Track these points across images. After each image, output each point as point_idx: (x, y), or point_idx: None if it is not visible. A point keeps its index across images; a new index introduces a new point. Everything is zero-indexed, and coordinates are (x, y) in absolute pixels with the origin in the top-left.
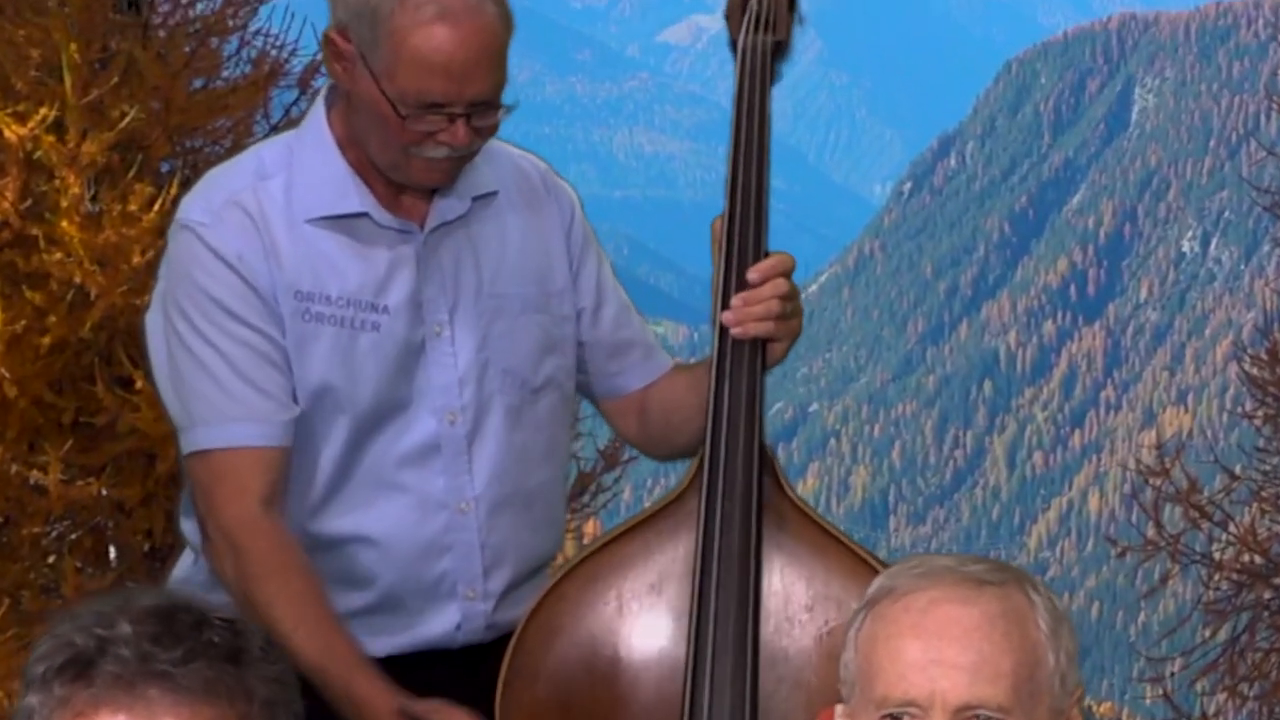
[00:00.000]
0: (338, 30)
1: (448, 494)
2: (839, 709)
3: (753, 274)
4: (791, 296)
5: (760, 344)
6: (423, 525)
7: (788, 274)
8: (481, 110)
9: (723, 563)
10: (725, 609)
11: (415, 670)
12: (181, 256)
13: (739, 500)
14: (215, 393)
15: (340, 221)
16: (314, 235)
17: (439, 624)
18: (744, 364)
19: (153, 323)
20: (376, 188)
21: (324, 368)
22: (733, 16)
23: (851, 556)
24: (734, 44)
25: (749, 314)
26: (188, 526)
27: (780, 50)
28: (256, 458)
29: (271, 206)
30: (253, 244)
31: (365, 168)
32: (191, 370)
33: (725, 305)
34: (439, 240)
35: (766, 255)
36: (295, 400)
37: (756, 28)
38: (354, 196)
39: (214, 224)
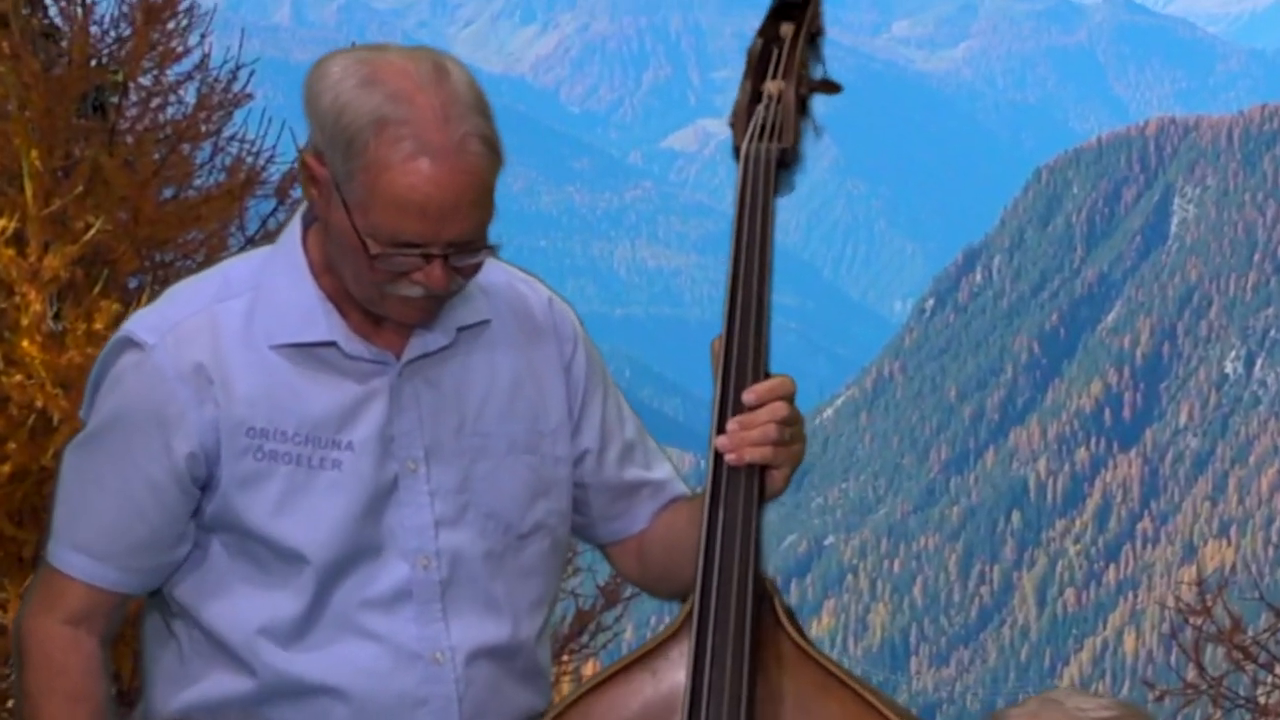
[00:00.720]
0: (313, 154)
1: (421, 644)
2: None
3: (749, 396)
4: (792, 422)
5: (758, 472)
6: (395, 677)
7: (789, 398)
8: (461, 251)
9: (712, 708)
10: None
11: None
12: (112, 373)
13: (731, 639)
14: (77, 515)
15: (305, 350)
16: (275, 364)
17: None
18: (740, 493)
19: (81, 417)
20: (351, 316)
21: (274, 511)
22: (738, 122)
23: (859, 702)
24: (737, 151)
25: (744, 439)
26: (149, 623)
27: (788, 159)
28: (84, 591)
29: (229, 331)
30: (193, 378)
31: (340, 294)
32: (73, 483)
33: (721, 429)
34: (417, 372)
35: (767, 376)
36: (170, 548)
37: (762, 135)
38: (322, 324)
39: (158, 346)
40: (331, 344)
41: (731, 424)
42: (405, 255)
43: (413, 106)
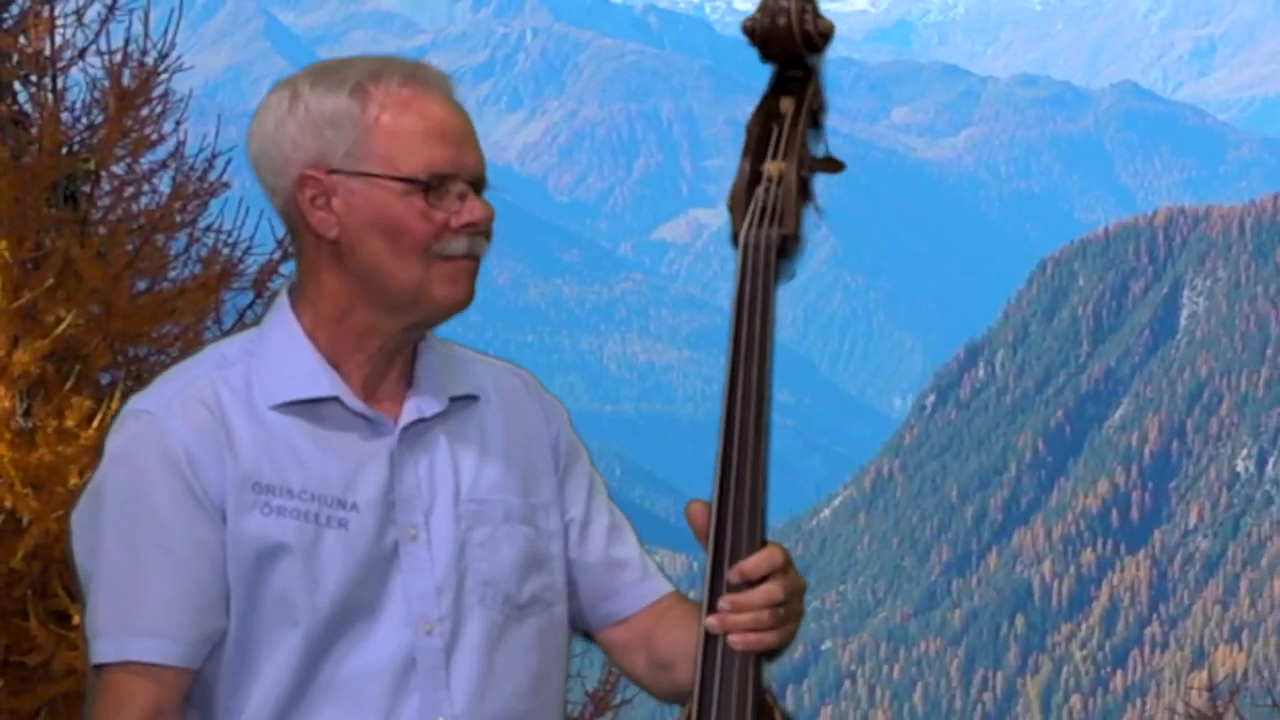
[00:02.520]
0: (312, 168)
1: (423, 712)
2: None
3: (733, 575)
4: (786, 600)
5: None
6: None
7: (779, 570)
8: (480, 189)
9: None
10: None
11: None
12: (122, 445)
13: None
14: (125, 602)
15: (307, 407)
16: (277, 423)
17: None
18: (733, 667)
19: (78, 520)
20: (351, 376)
21: (282, 569)
22: (736, 206)
23: None
24: (735, 238)
25: (736, 624)
26: None
27: (789, 245)
28: (153, 676)
29: (230, 395)
30: (205, 436)
31: (338, 355)
32: (106, 573)
33: (712, 600)
34: (414, 438)
35: (762, 539)
36: (226, 616)
37: (763, 220)
38: (324, 381)
39: (163, 413)
40: (334, 399)
41: (723, 603)
42: (439, 184)
43: (376, 61)
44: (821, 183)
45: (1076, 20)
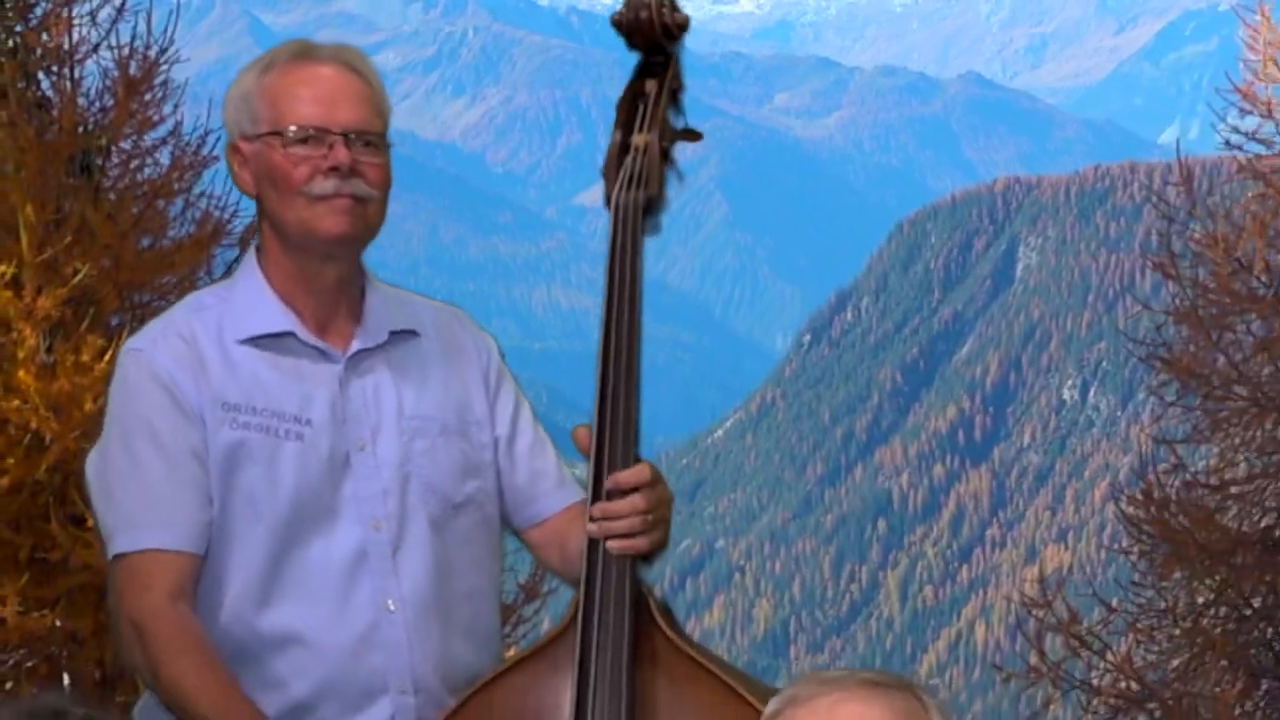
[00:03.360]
0: (239, 139)
1: (375, 595)
2: None
3: (609, 484)
4: (652, 509)
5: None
6: (351, 624)
7: (646, 485)
8: (362, 144)
9: (598, 695)
10: None
11: None
12: (120, 378)
13: (612, 638)
14: (134, 501)
15: (268, 340)
16: (243, 355)
17: (375, 717)
18: (612, 565)
19: (91, 457)
20: (304, 314)
21: (248, 473)
22: (609, 174)
23: (723, 688)
24: (608, 200)
25: (611, 529)
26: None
27: (654, 205)
28: (167, 560)
29: (205, 333)
30: (184, 364)
31: (293, 295)
32: (116, 481)
33: (594, 502)
34: (360, 364)
35: (637, 459)
36: (211, 506)
37: (631, 184)
38: (280, 318)
39: (150, 349)
40: (289, 334)
41: (595, 510)
42: (312, 142)
43: (283, 47)
44: (714, 155)
45: (929, 20)
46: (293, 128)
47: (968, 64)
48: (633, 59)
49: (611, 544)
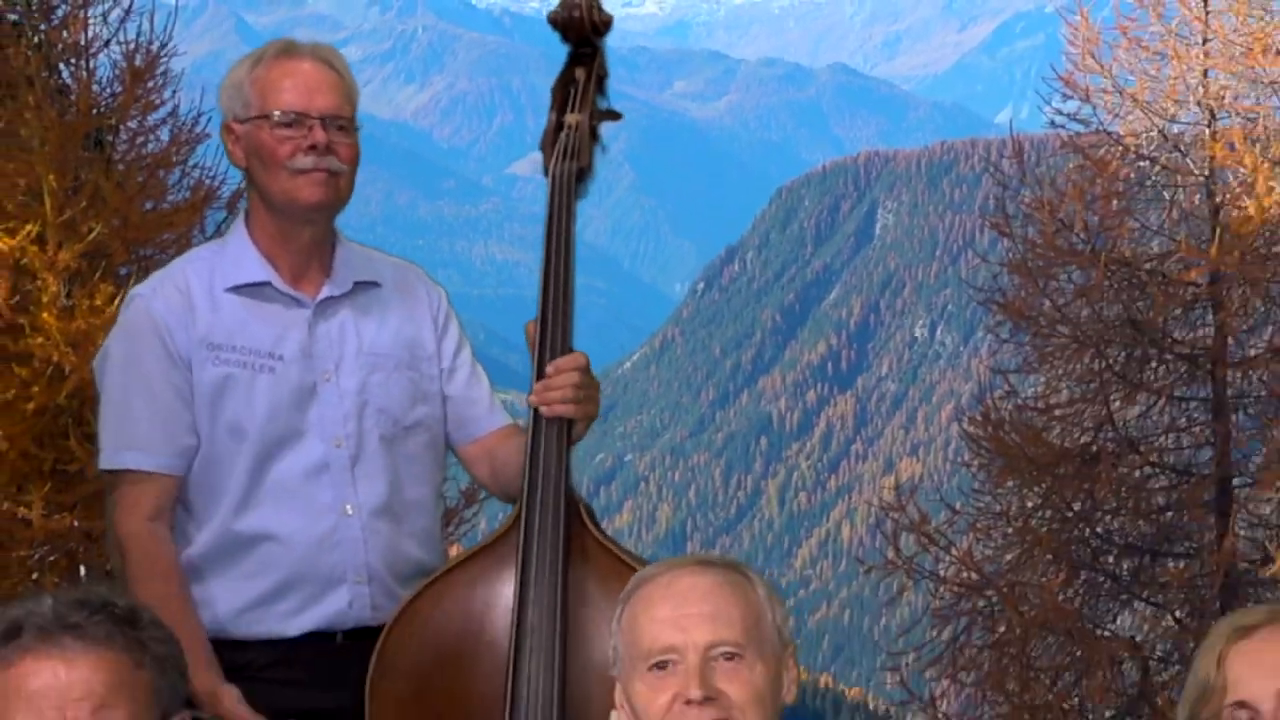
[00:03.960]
0: (231, 121)
1: (335, 501)
2: (617, 688)
3: (550, 368)
4: (584, 386)
5: (566, 425)
6: (316, 525)
7: (581, 368)
8: (335, 127)
9: (537, 587)
10: (539, 619)
11: (326, 647)
12: (122, 319)
13: (549, 539)
14: (122, 424)
15: (249, 289)
16: (228, 301)
17: (335, 602)
18: (553, 436)
19: (96, 371)
20: (281, 267)
21: (230, 402)
22: (546, 148)
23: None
24: (546, 170)
25: (547, 397)
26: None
27: (584, 174)
28: (149, 481)
29: (198, 281)
30: (175, 311)
31: (274, 251)
32: (110, 404)
33: (533, 384)
34: (327, 309)
35: (570, 352)
36: (195, 436)
37: (565, 157)
38: (260, 270)
39: (149, 296)
40: (267, 283)
41: (538, 386)
42: (295, 126)
43: (270, 45)
44: (624, 132)
45: (803, 19)
46: (278, 112)
47: (835, 56)
48: (560, 52)
49: (546, 409)
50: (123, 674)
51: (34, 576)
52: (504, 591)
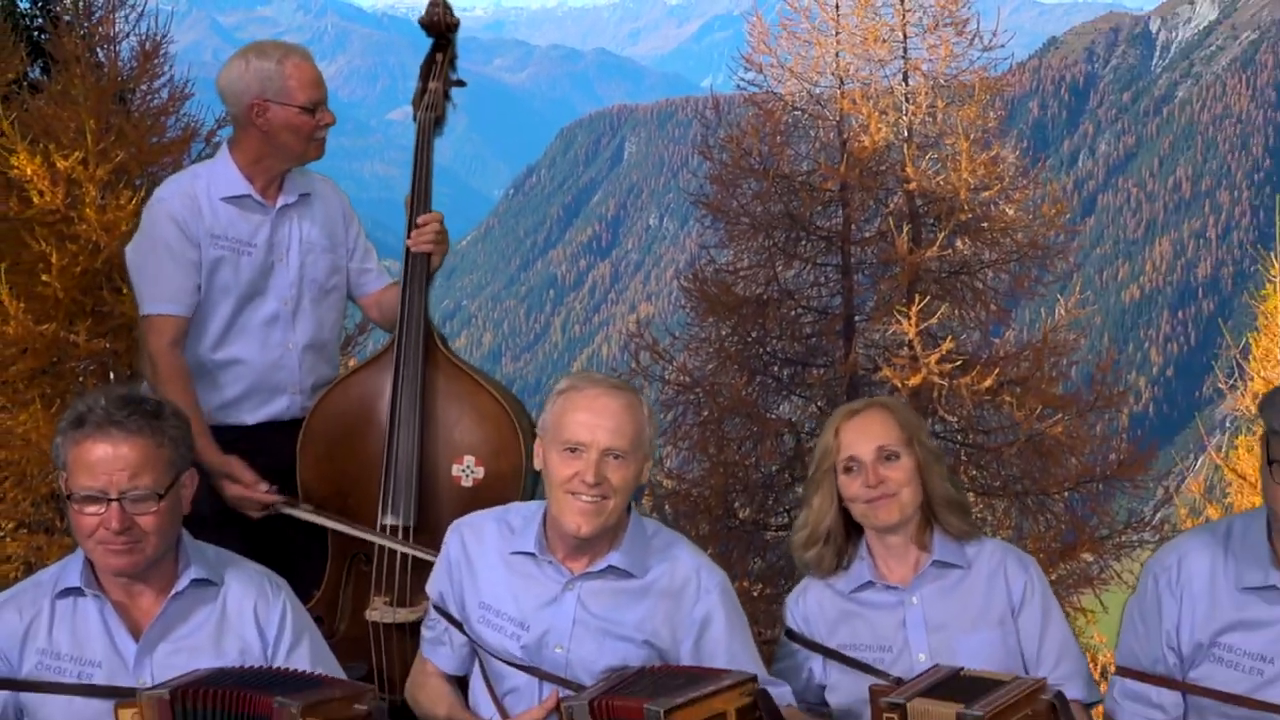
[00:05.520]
0: (258, 99)
1: (282, 339)
2: (537, 445)
3: (419, 220)
4: (440, 232)
5: (425, 258)
6: (269, 354)
7: (438, 220)
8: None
9: (406, 385)
10: (407, 405)
11: (273, 430)
12: (149, 214)
13: (414, 352)
14: (152, 284)
15: (236, 199)
16: (222, 206)
17: (280, 404)
18: (419, 270)
19: (131, 250)
20: (256, 184)
21: (222, 272)
22: (415, 103)
23: (472, 382)
24: (415, 117)
25: (417, 238)
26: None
27: (440, 122)
28: (170, 321)
29: (201, 190)
30: (188, 209)
31: (252, 173)
32: (144, 270)
33: (408, 236)
34: (283, 213)
35: (430, 212)
36: (199, 292)
37: (427, 109)
38: (242, 186)
39: (169, 199)
40: (247, 195)
41: (413, 233)
42: (320, 110)
43: (284, 45)
44: (464, 94)
45: (578, 18)
46: (309, 103)
47: (598, 42)
48: (425, 41)
49: (415, 247)
50: (149, 451)
51: (80, 379)
52: (385, 388)
